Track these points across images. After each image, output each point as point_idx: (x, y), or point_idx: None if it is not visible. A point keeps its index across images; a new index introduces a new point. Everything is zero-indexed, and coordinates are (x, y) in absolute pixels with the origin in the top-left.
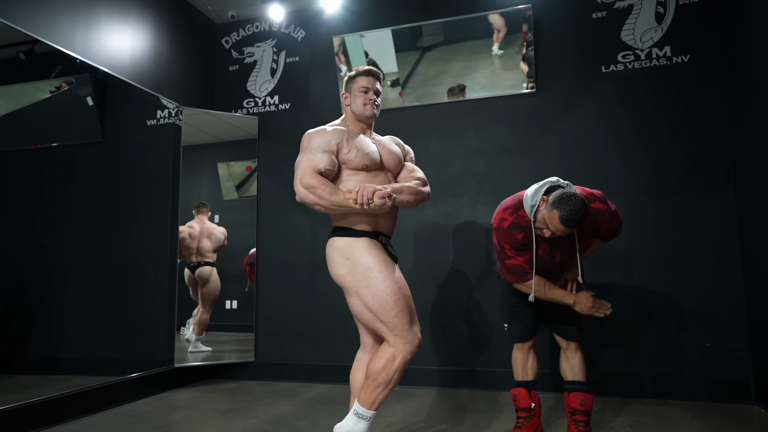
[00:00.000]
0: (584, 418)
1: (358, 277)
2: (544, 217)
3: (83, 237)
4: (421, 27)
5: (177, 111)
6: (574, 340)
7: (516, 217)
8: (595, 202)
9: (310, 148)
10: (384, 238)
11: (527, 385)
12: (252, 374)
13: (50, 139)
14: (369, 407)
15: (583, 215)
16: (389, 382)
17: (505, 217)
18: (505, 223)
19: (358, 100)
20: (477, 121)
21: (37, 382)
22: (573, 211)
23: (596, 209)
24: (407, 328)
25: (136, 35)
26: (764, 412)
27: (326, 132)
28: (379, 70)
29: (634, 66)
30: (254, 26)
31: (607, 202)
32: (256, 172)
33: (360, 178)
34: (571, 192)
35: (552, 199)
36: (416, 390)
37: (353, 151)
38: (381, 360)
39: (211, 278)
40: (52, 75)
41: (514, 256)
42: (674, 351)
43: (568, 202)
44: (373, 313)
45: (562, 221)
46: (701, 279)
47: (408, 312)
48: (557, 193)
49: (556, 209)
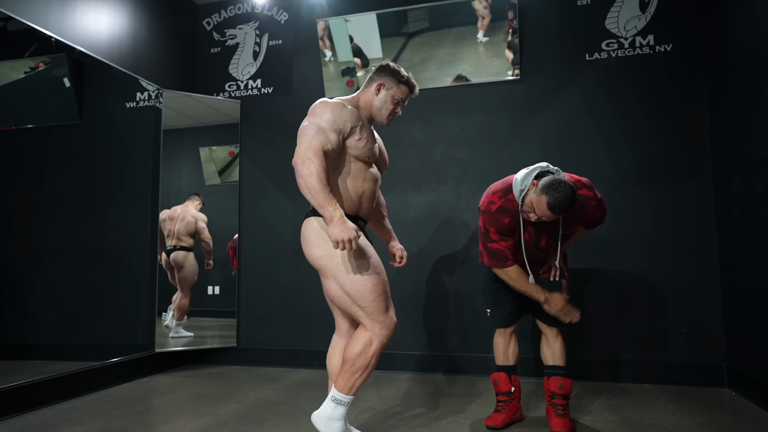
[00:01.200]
0: (563, 402)
1: (337, 260)
2: (532, 201)
3: (61, 221)
4: (407, 12)
5: (157, 93)
6: (555, 325)
7: (504, 201)
8: (582, 189)
9: (324, 119)
10: (362, 222)
11: (508, 369)
12: (234, 359)
13: (25, 121)
14: (347, 393)
15: (571, 203)
16: (367, 367)
17: (494, 201)
18: (493, 206)
19: (389, 106)
20: (461, 107)
21: (14, 367)
22: (561, 198)
23: (583, 196)
24: (384, 313)
25: (114, 14)
26: (735, 395)
27: (345, 110)
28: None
29: (617, 54)
30: (236, 8)
31: (594, 189)
32: (239, 157)
33: (359, 167)
34: (560, 179)
35: (542, 184)
36: (394, 375)
37: (363, 141)
38: (358, 345)
39: (186, 263)
40: (26, 54)
41: (498, 240)
42: (652, 336)
43: (558, 189)
44: (350, 297)
45: (549, 207)
46: (678, 266)
47: (385, 297)
48: (547, 179)
49: (544, 194)
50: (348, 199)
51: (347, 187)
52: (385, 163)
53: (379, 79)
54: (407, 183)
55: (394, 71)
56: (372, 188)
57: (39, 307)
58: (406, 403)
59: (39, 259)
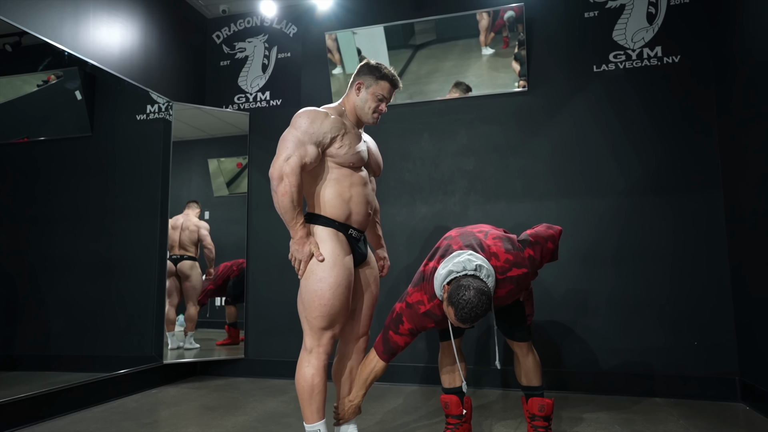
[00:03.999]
0: (544, 423)
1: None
2: (446, 311)
3: (71, 232)
4: (414, 24)
5: (167, 106)
6: (523, 340)
7: (433, 306)
8: (512, 270)
9: (303, 130)
10: (355, 232)
11: (457, 391)
12: (241, 371)
13: (38, 133)
14: (308, 421)
15: (482, 310)
16: (312, 390)
17: (423, 302)
18: (421, 307)
19: (371, 104)
20: (468, 119)
21: (23, 379)
22: (467, 311)
23: (514, 277)
24: (318, 331)
25: (126, 28)
26: (749, 409)
27: (326, 120)
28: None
29: (625, 66)
30: (246, 21)
31: (525, 260)
32: (247, 168)
33: (343, 173)
34: (466, 285)
35: (449, 293)
36: (401, 387)
37: (344, 148)
38: (298, 369)
39: (193, 272)
40: (39, 68)
41: (406, 334)
42: (662, 349)
43: (462, 300)
44: (302, 304)
45: (459, 320)
46: (689, 278)
47: (328, 319)
48: (454, 287)
49: (451, 307)
50: (335, 205)
51: (333, 193)
52: (378, 166)
53: (359, 78)
54: (415, 194)
55: (372, 68)
56: (361, 192)
57: (49, 318)
58: (412, 416)
59: (49, 270)
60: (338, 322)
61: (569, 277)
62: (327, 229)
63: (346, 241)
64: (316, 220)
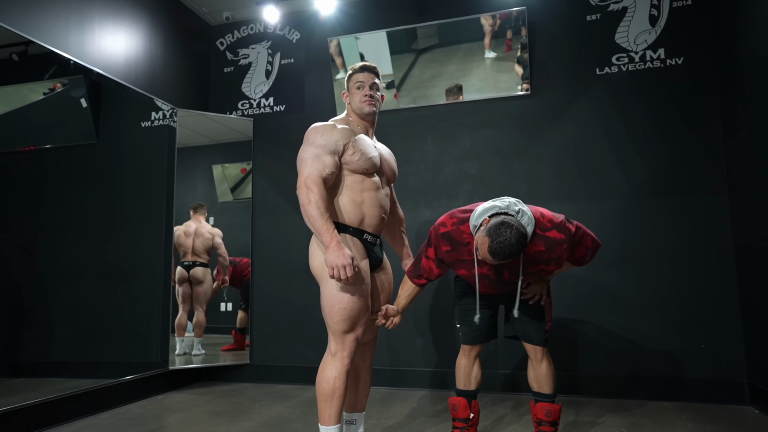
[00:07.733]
0: (551, 429)
1: (324, 273)
2: (478, 240)
3: (77, 239)
4: (416, 29)
5: (171, 113)
6: (539, 344)
7: (455, 229)
8: (551, 231)
9: (316, 144)
10: (370, 236)
11: (468, 395)
12: (247, 376)
13: (44, 141)
14: (325, 423)
15: (513, 251)
16: (333, 393)
17: (446, 224)
18: (442, 229)
19: (356, 97)
20: (472, 123)
21: (30, 385)
22: (502, 245)
23: (551, 238)
24: (341, 334)
25: (131, 36)
26: (758, 412)
27: (335, 130)
28: (374, 65)
29: (628, 68)
30: (249, 28)
31: (568, 230)
32: (251, 174)
33: (355, 179)
34: (509, 222)
35: (489, 224)
36: (408, 392)
37: (357, 154)
38: (320, 371)
39: (206, 278)
40: (45, 76)
41: (433, 258)
42: (670, 352)
43: (502, 234)
44: (324, 309)
45: (489, 251)
46: (695, 280)
47: (350, 322)
48: (496, 220)
49: (488, 237)
50: (348, 211)
51: (346, 198)
52: (393, 172)
53: (344, 90)
54: (419, 198)
55: (347, 75)
56: (373, 196)
57: (55, 325)
58: (420, 421)
59: (56, 277)
60: (359, 324)
61: (574, 280)
62: (342, 234)
63: (362, 245)
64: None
